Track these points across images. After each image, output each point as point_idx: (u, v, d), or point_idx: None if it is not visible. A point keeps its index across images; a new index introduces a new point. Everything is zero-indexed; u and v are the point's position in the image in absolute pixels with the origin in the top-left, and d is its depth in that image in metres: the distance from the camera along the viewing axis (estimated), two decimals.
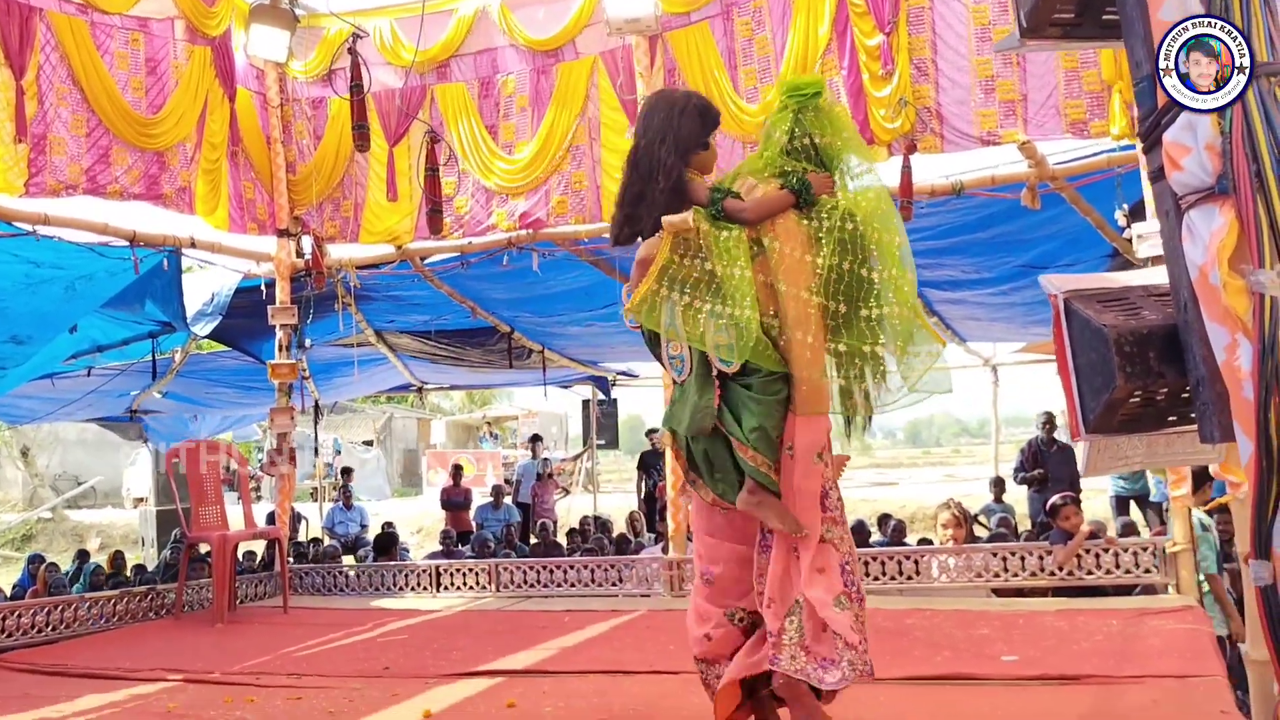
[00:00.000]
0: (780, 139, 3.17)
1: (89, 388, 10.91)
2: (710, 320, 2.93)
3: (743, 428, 2.97)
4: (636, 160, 3.18)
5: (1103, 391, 1.98)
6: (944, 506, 7.10)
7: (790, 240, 3.01)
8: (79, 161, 6.54)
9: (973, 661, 4.26)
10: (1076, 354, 2.08)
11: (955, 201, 6.82)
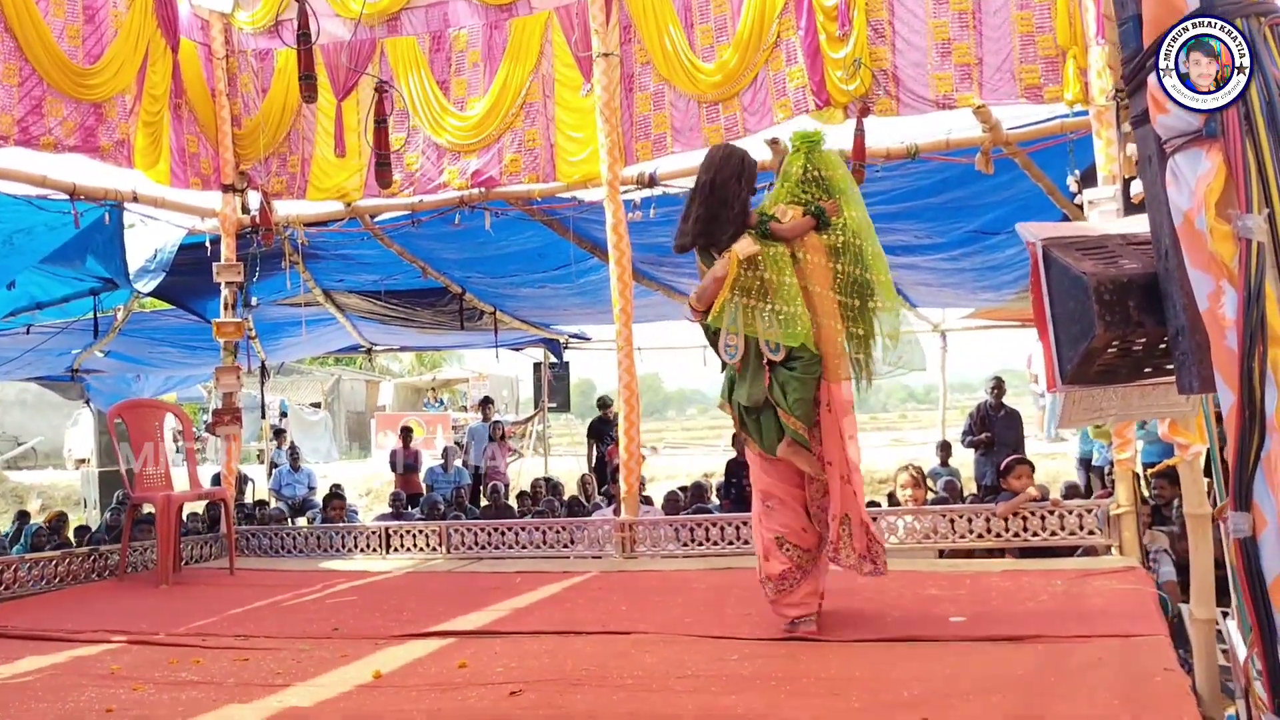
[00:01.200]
0: (796, 173, 4.19)
1: (28, 346, 10.65)
2: (767, 317, 3.98)
3: (787, 400, 4.01)
4: (713, 189, 4.16)
5: (1081, 340, 1.95)
6: (903, 469, 7.18)
7: (816, 252, 4.08)
8: (10, 112, 6.30)
9: (921, 623, 4.30)
10: (1054, 302, 2.06)
11: (909, 165, 6.83)
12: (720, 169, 4.21)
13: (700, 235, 4.16)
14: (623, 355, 6.93)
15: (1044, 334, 2.12)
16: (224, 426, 8.12)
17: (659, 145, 7.08)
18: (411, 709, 3.37)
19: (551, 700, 3.37)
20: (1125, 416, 3.01)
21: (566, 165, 7.31)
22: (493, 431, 13.45)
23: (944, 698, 3.18)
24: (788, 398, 4.00)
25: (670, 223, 7.81)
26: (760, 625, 4.35)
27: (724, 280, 4.02)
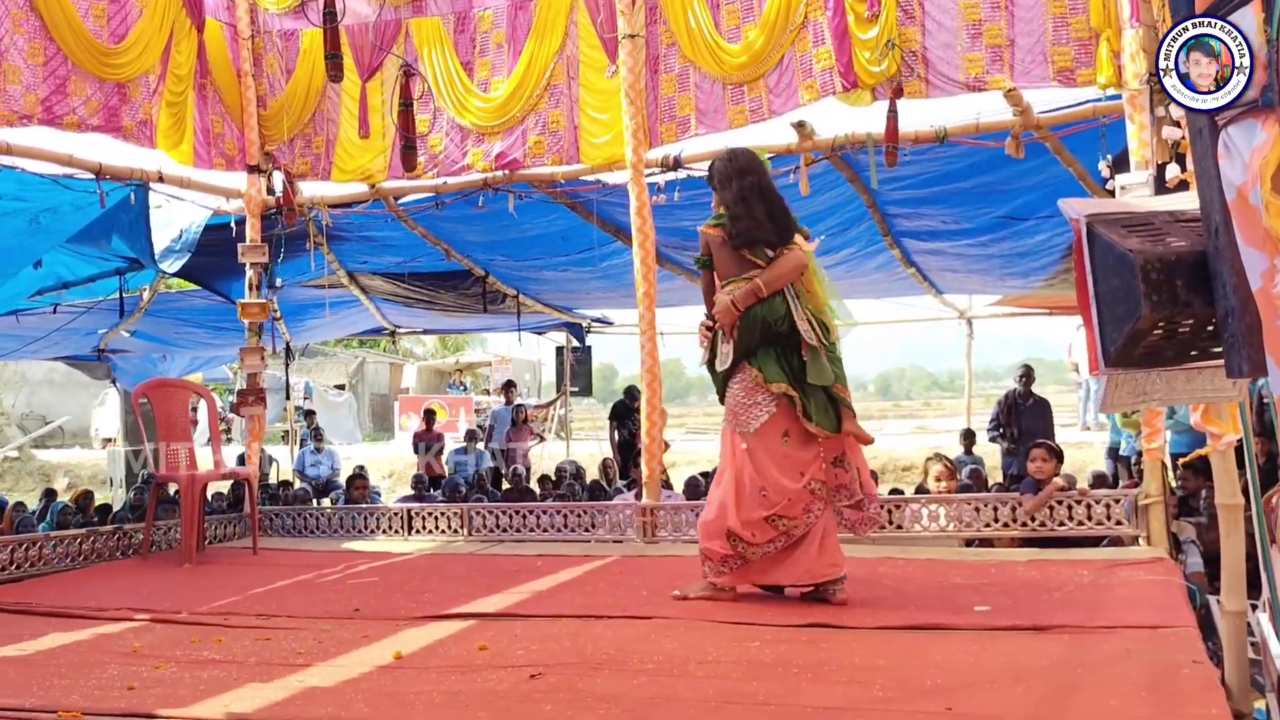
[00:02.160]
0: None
1: (55, 325, 10.73)
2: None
3: (842, 377, 4.51)
4: (764, 190, 4.56)
5: (1126, 321, 1.88)
6: (935, 459, 7.10)
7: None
8: (34, 91, 6.31)
9: (944, 611, 4.27)
10: (1099, 281, 1.98)
11: (938, 149, 6.74)
12: (761, 172, 4.59)
13: (781, 231, 4.49)
14: (645, 339, 6.90)
15: (1087, 315, 2.05)
16: (248, 407, 8.16)
17: (683, 127, 7.02)
18: (432, 690, 3.36)
19: (572, 684, 3.36)
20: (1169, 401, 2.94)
21: (590, 147, 7.26)
22: (515, 415, 13.46)
23: (968, 687, 3.15)
24: (840, 375, 4.50)
25: (696, 206, 7.81)
26: (782, 612, 4.33)
27: (803, 268, 4.46)
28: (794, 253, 4.46)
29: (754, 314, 4.42)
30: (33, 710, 3.22)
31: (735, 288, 4.46)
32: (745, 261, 4.48)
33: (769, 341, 4.45)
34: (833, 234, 8.81)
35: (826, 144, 6.82)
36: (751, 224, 4.45)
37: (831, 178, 7.46)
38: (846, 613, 4.24)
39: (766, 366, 4.43)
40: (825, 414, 4.43)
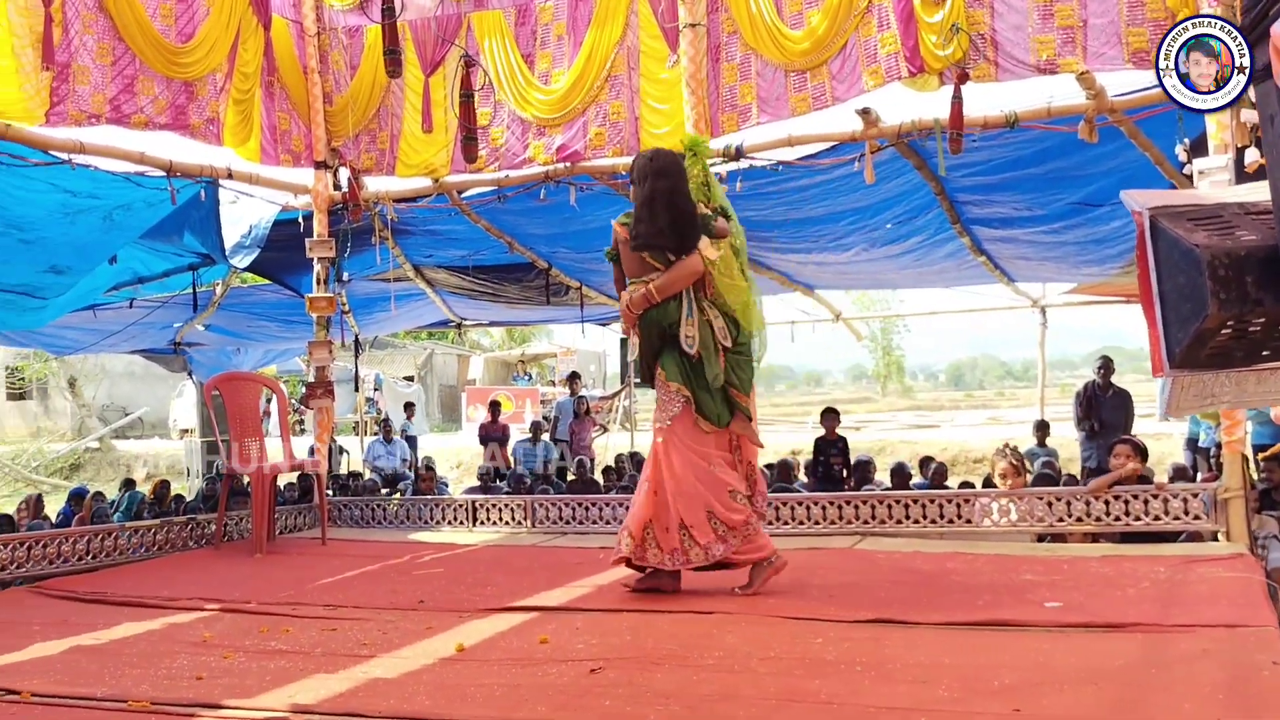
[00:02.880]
0: (698, 176, 4.75)
1: (131, 319, 10.98)
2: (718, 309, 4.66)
3: (740, 380, 4.69)
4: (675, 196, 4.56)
5: (1192, 320, 1.79)
6: (1000, 454, 6.95)
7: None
8: (103, 91, 6.45)
9: (1014, 607, 4.17)
10: (1163, 278, 1.89)
11: (1008, 135, 6.58)
12: (677, 177, 4.62)
13: (680, 240, 4.55)
14: None
15: (1150, 313, 1.96)
16: (317, 400, 8.28)
17: (744, 116, 6.95)
18: (492, 683, 3.37)
19: (632, 679, 3.34)
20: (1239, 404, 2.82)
21: (651, 138, 7.22)
22: (578, 407, 13.49)
23: (1037, 687, 3.06)
24: (740, 378, 4.68)
25: (759, 195, 7.75)
26: (846, 607, 4.27)
27: (697, 275, 4.58)
28: (692, 259, 4.56)
29: (649, 317, 4.63)
30: (104, 700, 3.29)
31: (634, 289, 4.64)
32: (646, 264, 4.62)
33: (667, 342, 4.67)
34: (900, 222, 8.67)
35: (892, 131, 6.69)
36: (651, 230, 4.54)
37: (898, 165, 7.33)
38: (913, 609, 4.17)
39: (669, 366, 4.65)
40: (719, 412, 4.65)
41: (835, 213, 8.38)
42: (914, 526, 6.26)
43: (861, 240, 9.12)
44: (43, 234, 7.25)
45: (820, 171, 7.31)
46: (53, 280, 8.12)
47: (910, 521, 6.28)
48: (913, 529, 6.25)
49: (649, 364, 4.76)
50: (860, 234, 8.93)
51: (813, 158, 7.14)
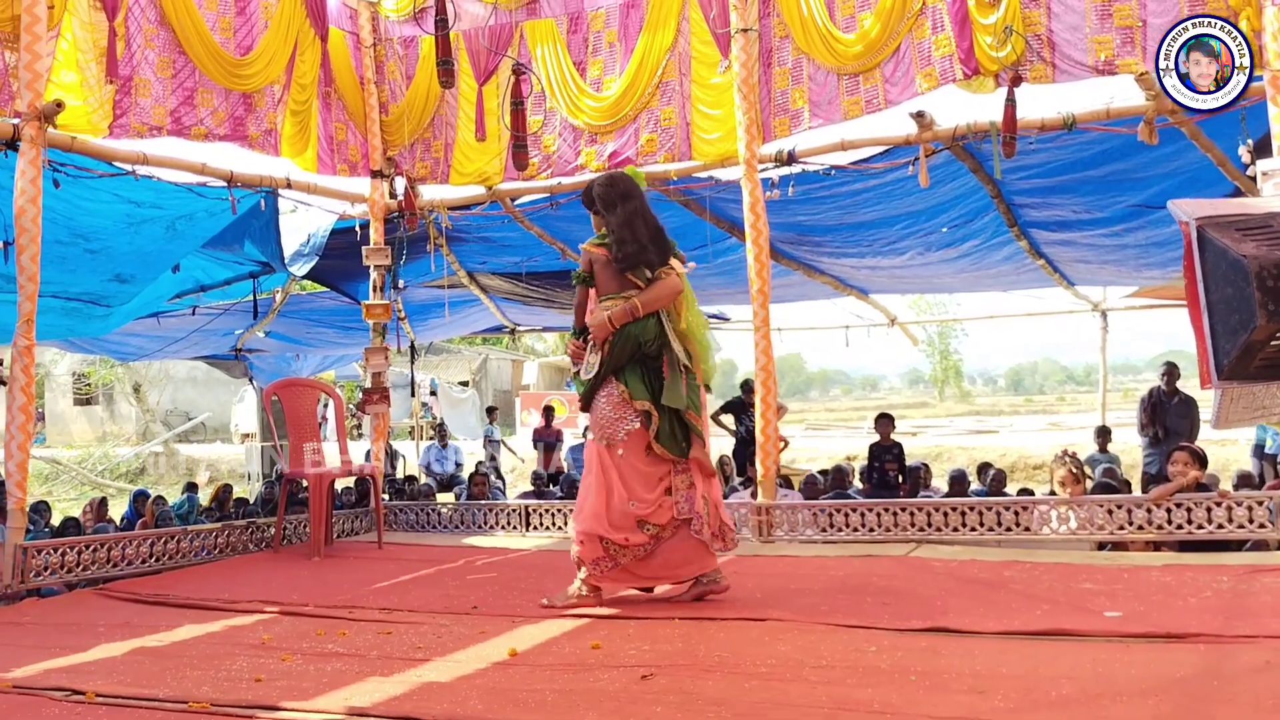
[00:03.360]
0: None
1: (194, 326, 11.21)
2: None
3: (695, 402, 4.74)
4: (646, 212, 4.74)
5: (1240, 331, 1.76)
6: (1060, 461, 6.83)
7: None
8: (164, 103, 6.61)
9: (1073, 616, 4.10)
10: (1210, 289, 1.85)
11: (1066, 137, 6.48)
12: (641, 197, 4.77)
13: (661, 253, 4.70)
14: (760, 336, 6.84)
15: (1199, 324, 1.92)
16: (373, 405, 8.38)
17: (796, 120, 6.92)
18: (545, 688, 3.38)
19: (683, 685, 3.33)
20: None
21: (703, 144, 7.23)
22: None
23: (1096, 698, 3.01)
24: (695, 401, 4.74)
25: (811, 200, 7.72)
26: (900, 615, 4.23)
27: (679, 293, 4.69)
28: (671, 278, 4.68)
29: (628, 332, 4.64)
30: (165, 701, 3.35)
31: (613, 305, 4.66)
32: (626, 281, 4.68)
33: (637, 360, 4.69)
34: (955, 226, 8.59)
35: (947, 134, 6.63)
36: (637, 248, 4.64)
37: (953, 168, 7.26)
38: (969, 618, 4.11)
39: (633, 383, 4.66)
40: (673, 439, 4.67)
41: (889, 216, 8.32)
42: (970, 534, 6.18)
43: (917, 244, 9.05)
44: (108, 244, 7.43)
45: (874, 175, 7.26)
46: (118, 289, 8.32)
47: (967, 529, 6.20)
48: (969, 536, 6.17)
49: (600, 382, 4.74)
50: (915, 238, 8.86)
51: (866, 161, 7.10)
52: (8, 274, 5.97)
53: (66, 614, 5.16)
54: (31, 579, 5.61)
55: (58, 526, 8.91)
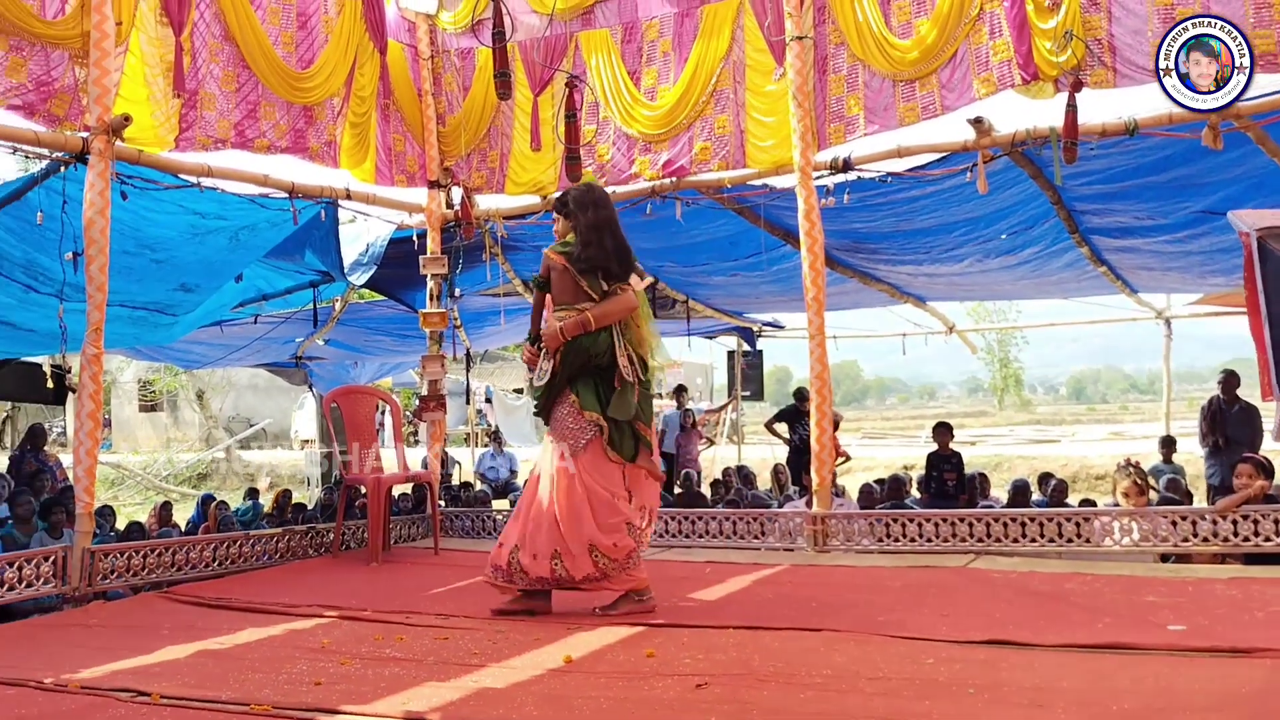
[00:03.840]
0: None
1: (256, 335, 11.40)
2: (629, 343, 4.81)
3: (645, 414, 4.86)
4: (615, 224, 4.84)
5: None
6: (1123, 472, 6.71)
7: None
8: (228, 117, 6.74)
9: (1136, 629, 4.03)
10: (1271, 300, 1.83)
11: (1128, 142, 6.36)
12: (614, 210, 4.90)
13: (622, 268, 4.80)
14: (814, 344, 6.80)
15: (1259, 335, 1.89)
16: (430, 412, 8.47)
17: (851, 127, 6.88)
18: (599, 696, 3.40)
19: (737, 695, 3.33)
20: None
21: (757, 151, 7.21)
22: (684, 420, 13.50)
23: (1159, 713, 2.95)
24: (645, 412, 4.85)
25: (867, 208, 7.67)
26: (958, 627, 4.18)
27: (632, 309, 4.79)
28: (626, 294, 4.78)
29: (579, 344, 4.72)
30: (228, 703, 3.42)
31: (566, 316, 4.73)
32: (581, 291, 4.74)
33: (588, 372, 4.76)
34: (1015, 233, 8.48)
35: (1006, 139, 6.55)
36: (600, 252, 4.72)
37: (1012, 174, 7.17)
38: (1029, 630, 4.06)
39: (585, 395, 4.73)
40: (625, 445, 4.75)
41: (947, 223, 8.24)
42: (1030, 545, 6.09)
43: (975, 251, 8.95)
44: (173, 254, 7.59)
45: (931, 182, 7.20)
46: (183, 298, 8.49)
47: (1027, 540, 6.11)
48: (1029, 548, 6.08)
49: (557, 392, 4.81)
50: (973, 245, 8.76)
51: (923, 168, 7.03)
52: (77, 284, 6.11)
53: (132, 617, 5.27)
54: (98, 582, 5.74)
55: (123, 530, 9.11)
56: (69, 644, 4.57)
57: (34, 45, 5.74)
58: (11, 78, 5.66)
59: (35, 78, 5.75)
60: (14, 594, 5.39)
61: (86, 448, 5.82)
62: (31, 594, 5.51)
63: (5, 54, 5.62)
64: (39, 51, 5.76)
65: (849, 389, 79.42)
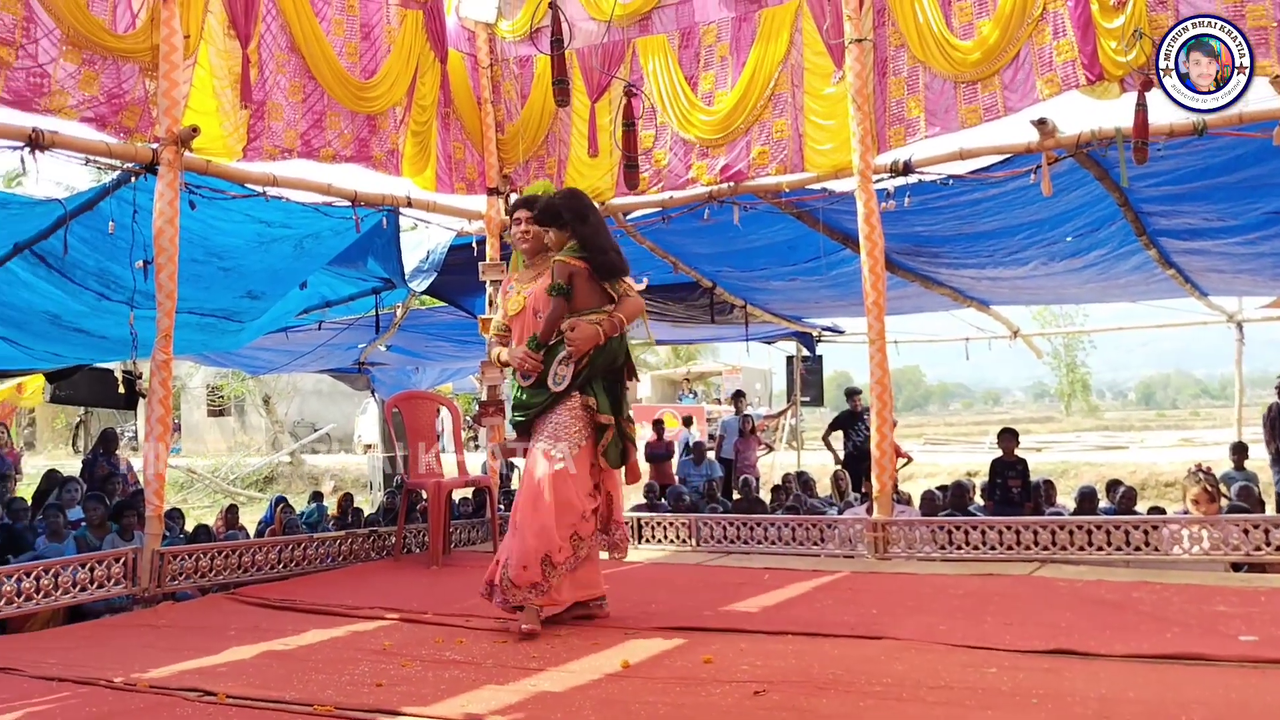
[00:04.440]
0: None
1: (319, 341, 11.59)
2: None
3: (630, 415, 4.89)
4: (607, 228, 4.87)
5: None
6: (1193, 478, 6.53)
7: None
8: (295, 127, 6.86)
9: (1206, 639, 3.92)
10: None
11: (1196, 143, 6.22)
12: (597, 210, 4.88)
13: (625, 266, 4.78)
14: (874, 350, 6.74)
15: None
16: (489, 417, 8.51)
17: (912, 130, 6.81)
18: (656, 701, 3.39)
19: (796, 703, 3.30)
20: None
21: (816, 155, 7.17)
22: (743, 425, 13.46)
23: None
24: (629, 411, 4.87)
25: (928, 210, 7.59)
26: (1022, 636, 4.11)
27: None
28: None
29: (609, 346, 4.68)
30: (292, 703, 3.48)
31: (597, 319, 4.65)
32: (605, 295, 4.72)
33: (605, 374, 4.72)
34: (1080, 235, 8.34)
35: (1071, 141, 6.44)
36: (615, 256, 4.74)
37: (1077, 176, 7.05)
38: (1094, 640, 3.98)
39: (600, 396, 4.68)
40: (616, 450, 4.73)
41: (1010, 226, 8.12)
42: (1097, 553, 5.97)
43: (1039, 254, 8.81)
44: (240, 262, 7.74)
45: (993, 184, 7.10)
46: (249, 305, 8.66)
47: (1093, 548, 5.99)
48: (1096, 556, 5.96)
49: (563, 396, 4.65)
50: (1038, 248, 8.63)
51: (985, 170, 6.94)
52: (147, 291, 6.25)
53: (199, 617, 5.38)
54: (167, 583, 5.86)
55: (191, 533, 9.31)
56: (138, 644, 4.68)
57: (106, 59, 5.89)
58: (85, 90, 5.82)
59: (107, 90, 5.90)
60: (86, 594, 5.53)
61: (156, 452, 5.95)
62: (103, 595, 5.65)
63: (79, 67, 5.78)
64: (110, 65, 5.92)
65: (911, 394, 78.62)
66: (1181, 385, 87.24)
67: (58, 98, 5.71)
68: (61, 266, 7.23)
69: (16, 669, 4.10)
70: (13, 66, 5.52)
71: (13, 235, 6.81)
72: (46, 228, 6.73)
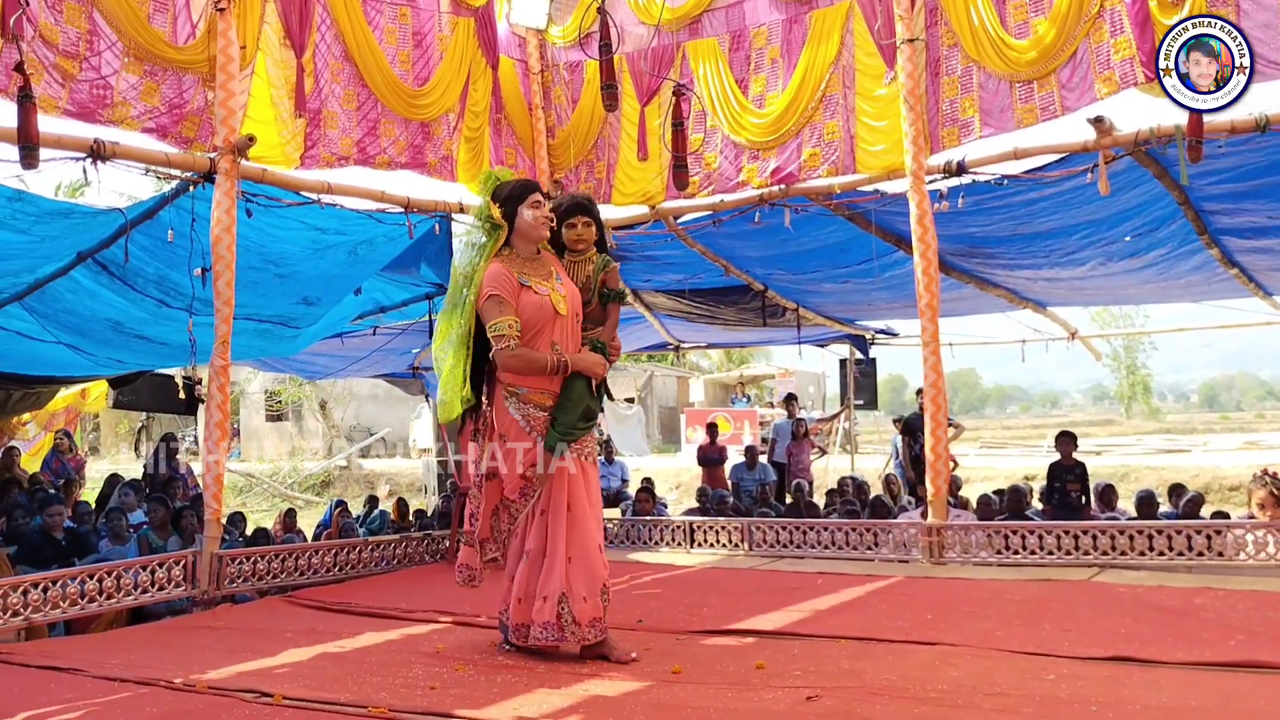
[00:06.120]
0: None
1: (374, 346, 11.71)
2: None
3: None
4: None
5: None
6: (1258, 482, 6.37)
7: None
8: (350, 134, 6.96)
9: (1271, 648, 3.83)
10: None
11: (1258, 139, 6.07)
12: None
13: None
14: (928, 352, 6.67)
15: None
16: None
17: (966, 130, 6.74)
18: (708, 706, 3.38)
19: (849, 709, 3.28)
20: None
21: (867, 156, 7.12)
22: (796, 429, 13.38)
23: None
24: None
25: (982, 211, 7.49)
26: (1081, 642, 4.04)
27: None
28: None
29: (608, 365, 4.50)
30: (347, 705, 3.51)
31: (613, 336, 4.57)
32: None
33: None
34: (1139, 234, 8.18)
35: (1129, 139, 6.32)
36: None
37: (1135, 175, 6.92)
38: (1155, 647, 3.90)
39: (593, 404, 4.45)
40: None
41: (1067, 226, 7.99)
42: (1159, 559, 5.85)
43: (1097, 254, 8.66)
44: (296, 268, 7.85)
45: (1049, 184, 6.99)
46: (305, 311, 8.77)
47: (1154, 553, 5.87)
48: (1157, 561, 5.84)
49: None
50: (1095, 248, 8.48)
51: (1040, 170, 6.84)
52: (205, 298, 6.37)
53: (257, 619, 5.47)
54: (226, 585, 5.96)
55: (249, 536, 9.45)
56: (197, 645, 4.76)
57: (167, 70, 6.02)
58: (146, 101, 5.95)
59: (168, 101, 6.03)
60: (148, 596, 5.64)
61: (215, 456, 6.05)
62: (164, 596, 5.76)
63: (140, 79, 5.91)
64: (171, 76, 6.04)
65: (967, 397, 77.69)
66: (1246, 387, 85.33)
67: (120, 109, 5.84)
68: (123, 274, 7.38)
69: (80, 669, 4.19)
70: (77, 79, 5.65)
71: (76, 244, 6.96)
72: (108, 236, 6.87)
